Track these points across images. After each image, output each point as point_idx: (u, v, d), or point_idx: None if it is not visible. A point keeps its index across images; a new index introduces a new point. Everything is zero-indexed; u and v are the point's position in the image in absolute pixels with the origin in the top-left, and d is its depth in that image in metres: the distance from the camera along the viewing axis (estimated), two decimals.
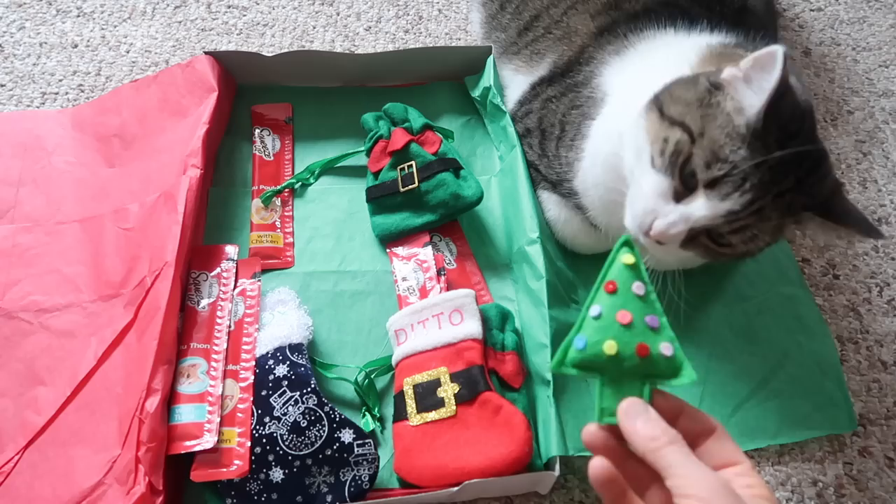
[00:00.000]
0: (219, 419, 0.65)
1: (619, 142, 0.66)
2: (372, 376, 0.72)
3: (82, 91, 0.94)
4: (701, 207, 0.55)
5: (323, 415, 0.66)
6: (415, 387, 0.68)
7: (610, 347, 0.41)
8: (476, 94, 0.90)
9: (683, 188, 0.57)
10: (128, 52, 0.99)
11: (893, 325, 0.80)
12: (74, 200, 0.80)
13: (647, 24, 0.74)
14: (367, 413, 0.70)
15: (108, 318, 0.70)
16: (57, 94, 0.94)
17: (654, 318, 0.41)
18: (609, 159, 0.68)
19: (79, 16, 1.03)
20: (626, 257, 0.42)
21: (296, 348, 0.69)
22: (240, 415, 0.66)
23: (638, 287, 0.42)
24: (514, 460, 0.63)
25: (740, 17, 0.79)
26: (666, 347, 0.41)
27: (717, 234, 0.57)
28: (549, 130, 0.79)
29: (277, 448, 0.64)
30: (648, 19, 0.74)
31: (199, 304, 0.73)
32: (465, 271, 0.80)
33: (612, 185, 0.67)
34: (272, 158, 0.87)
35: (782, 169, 0.54)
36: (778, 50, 0.51)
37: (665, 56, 0.67)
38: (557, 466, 0.64)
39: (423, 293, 0.76)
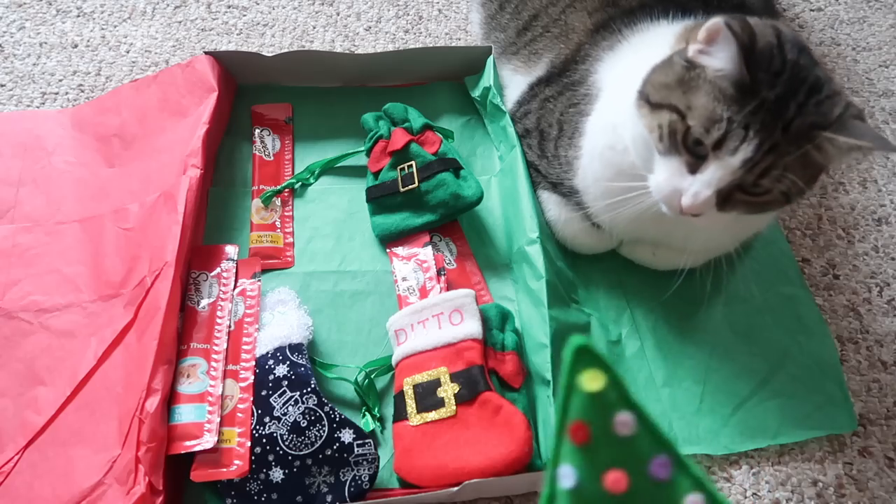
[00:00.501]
0: (219, 419, 0.65)
1: (614, 134, 0.67)
2: (372, 376, 0.72)
3: (82, 91, 0.94)
4: (717, 168, 0.57)
5: (323, 415, 0.66)
6: (415, 387, 0.68)
7: None
8: (476, 94, 0.90)
9: (695, 159, 0.59)
10: (128, 52, 0.99)
11: (893, 325, 0.80)
12: (74, 200, 0.80)
13: (641, 17, 0.75)
14: (367, 413, 0.70)
15: (108, 318, 0.70)
16: (57, 94, 0.94)
17: (664, 461, 0.26)
18: (605, 153, 0.69)
19: (79, 16, 1.03)
20: (591, 380, 0.26)
21: (296, 348, 0.69)
22: (240, 415, 0.66)
23: (623, 422, 0.26)
24: (514, 460, 0.63)
25: (738, 12, 0.79)
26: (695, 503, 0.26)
27: (749, 184, 0.58)
28: (548, 130, 0.79)
29: (277, 448, 0.64)
30: (644, 14, 0.74)
31: (199, 304, 0.73)
32: (465, 271, 0.80)
33: (611, 179, 0.67)
34: (272, 158, 0.87)
35: (780, 103, 0.56)
36: (719, 22, 0.55)
37: (655, 45, 0.67)
38: None
39: (423, 293, 0.76)
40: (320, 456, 0.64)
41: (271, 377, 0.68)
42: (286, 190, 0.85)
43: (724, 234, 0.75)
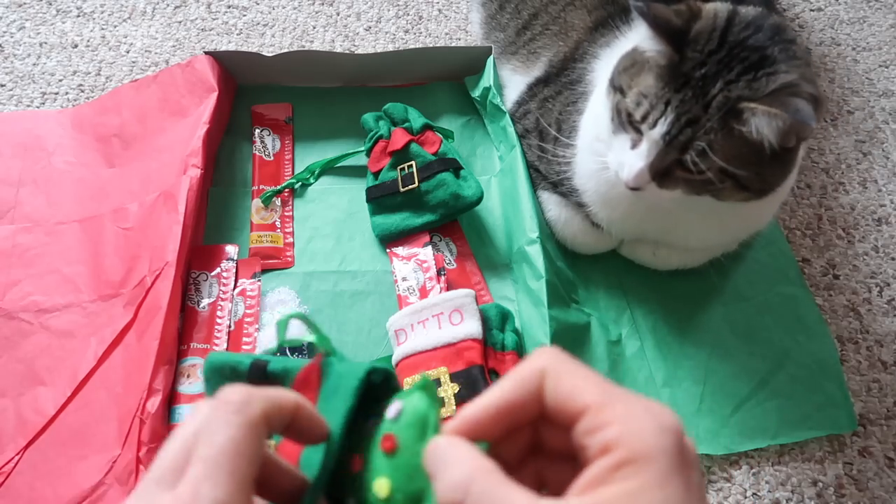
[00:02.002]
0: None
1: (600, 124, 0.68)
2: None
3: (82, 91, 0.94)
4: (646, 142, 0.60)
5: None
6: None
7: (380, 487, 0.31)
8: (476, 94, 0.90)
9: (637, 136, 0.62)
10: (128, 52, 0.99)
11: (893, 325, 0.80)
12: (74, 200, 0.80)
13: None
14: None
15: (107, 318, 0.70)
16: (57, 94, 0.94)
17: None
18: (594, 144, 0.70)
19: (79, 16, 1.03)
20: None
21: (296, 348, 0.69)
22: None
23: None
24: None
25: None
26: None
27: (687, 161, 0.59)
28: (547, 130, 0.79)
29: None
30: None
31: (199, 304, 0.73)
32: (465, 271, 0.80)
33: (601, 170, 0.68)
34: (272, 158, 0.87)
35: (707, 80, 0.57)
36: (635, 5, 0.59)
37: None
38: None
39: (423, 293, 0.76)
40: None
41: None
42: (286, 190, 0.85)
43: (723, 234, 0.75)
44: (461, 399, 0.66)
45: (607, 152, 0.66)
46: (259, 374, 0.39)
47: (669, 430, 0.26)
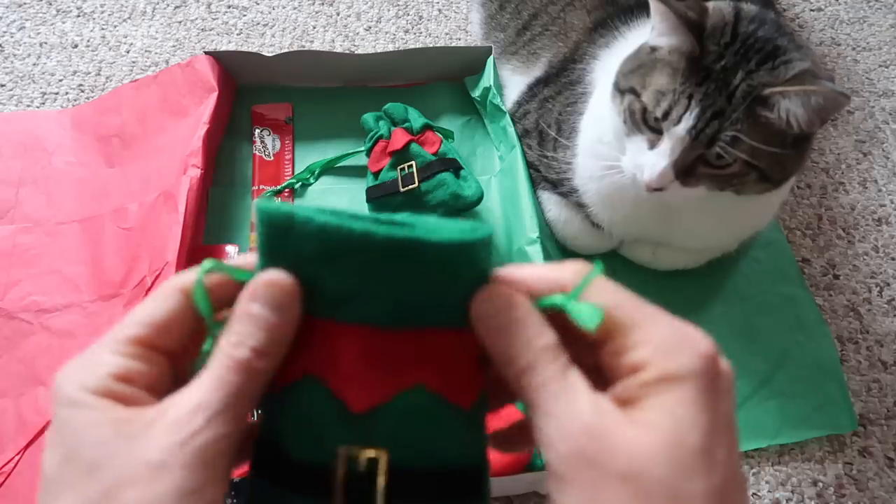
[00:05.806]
0: None
1: (602, 127, 0.68)
2: None
3: (82, 91, 0.94)
4: (668, 140, 0.59)
5: None
6: None
7: None
8: (476, 94, 0.90)
9: (654, 135, 0.61)
10: (128, 52, 0.99)
11: (893, 325, 0.80)
12: (74, 200, 0.80)
13: (639, 15, 0.75)
14: None
15: (107, 318, 0.70)
16: (57, 94, 0.94)
17: None
18: (595, 147, 0.70)
19: (79, 16, 1.03)
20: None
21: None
22: None
23: None
24: (513, 460, 0.63)
25: None
26: None
27: (711, 156, 0.59)
28: (547, 131, 0.79)
29: None
30: (641, 11, 0.75)
31: None
32: None
33: (602, 172, 0.67)
34: (272, 158, 0.87)
35: (728, 72, 0.58)
36: (651, 4, 0.59)
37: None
38: None
39: None
40: None
41: None
42: (286, 190, 0.85)
43: (724, 234, 0.75)
44: None
45: (617, 155, 0.65)
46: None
47: (702, 354, 0.26)
